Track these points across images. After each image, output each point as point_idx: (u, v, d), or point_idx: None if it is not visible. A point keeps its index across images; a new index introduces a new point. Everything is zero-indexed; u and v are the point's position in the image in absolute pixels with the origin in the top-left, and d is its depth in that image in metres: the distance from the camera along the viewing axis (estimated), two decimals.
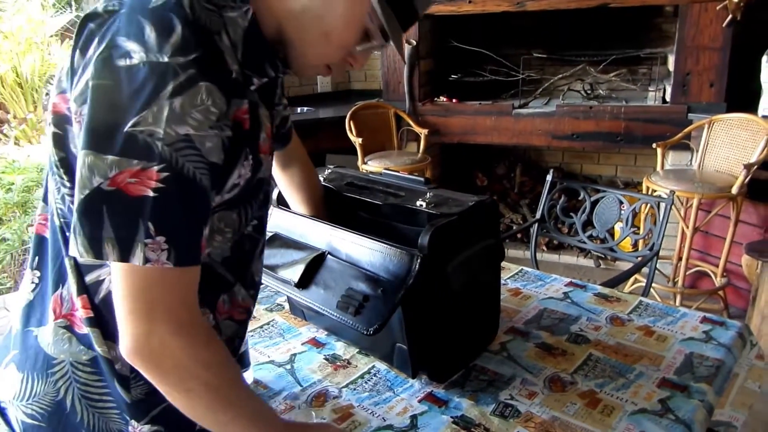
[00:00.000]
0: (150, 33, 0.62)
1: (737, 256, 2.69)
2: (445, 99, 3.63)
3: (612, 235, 2.19)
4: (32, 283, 0.80)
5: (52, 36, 8.83)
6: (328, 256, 1.13)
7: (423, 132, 3.48)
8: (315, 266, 1.12)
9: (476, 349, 1.21)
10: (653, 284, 2.78)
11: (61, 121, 0.71)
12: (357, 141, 3.30)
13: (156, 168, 0.61)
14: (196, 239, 0.66)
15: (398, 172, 1.31)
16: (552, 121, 3.34)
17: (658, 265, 2.95)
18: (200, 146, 0.63)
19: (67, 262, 0.75)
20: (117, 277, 0.64)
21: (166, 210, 0.62)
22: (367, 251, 1.07)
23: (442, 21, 3.62)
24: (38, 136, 8.35)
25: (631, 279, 2.85)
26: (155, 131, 0.61)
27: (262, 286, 1.51)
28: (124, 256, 0.61)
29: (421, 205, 1.12)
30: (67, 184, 0.72)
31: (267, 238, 1.26)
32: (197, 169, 0.64)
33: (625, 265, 3.25)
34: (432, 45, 3.72)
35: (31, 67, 8.32)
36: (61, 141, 0.71)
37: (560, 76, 3.65)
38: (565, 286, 1.54)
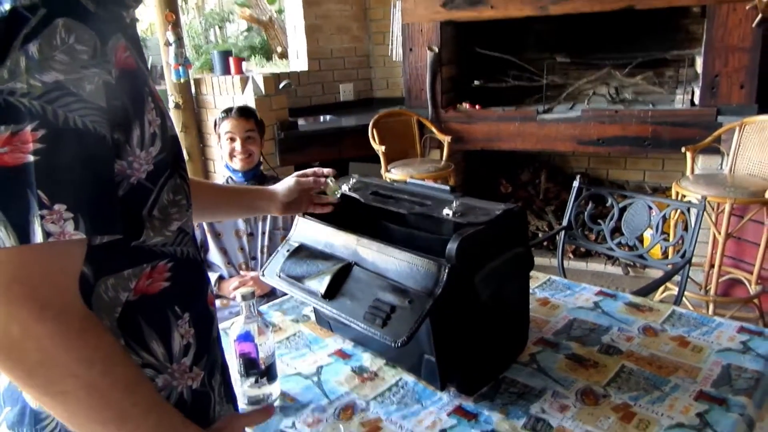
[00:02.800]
0: None
1: None
2: (468, 105, 3.60)
3: (641, 241, 2.14)
4: None
5: None
6: (355, 266, 1.12)
7: (446, 139, 3.47)
8: (341, 277, 1.11)
9: (506, 361, 1.18)
10: (686, 293, 2.71)
11: None
12: (380, 149, 3.29)
13: (29, 128, 0.52)
14: (108, 198, 0.58)
15: (423, 180, 1.30)
16: (577, 126, 3.30)
17: (689, 272, 2.89)
18: (78, 90, 0.55)
19: None
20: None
21: (54, 172, 0.53)
22: (393, 261, 1.06)
23: (464, 27, 3.60)
24: None
25: (662, 288, 2.79)
26: (15, 87, 0.52)
27: (289, 296, 1.50)
28: (24, 238, 0.52)
29: (448, 214, 1.10)
30: None
31: (293, 248, 1.27)
32: (85, 117, 0.55)
33: (655, 273, 3.18)
34: (454, 51, 3.70)
35: None
36: None
37: (585, 80, 3.61)
38: (595, 295, 1.51)
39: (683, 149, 2.87)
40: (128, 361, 0.62)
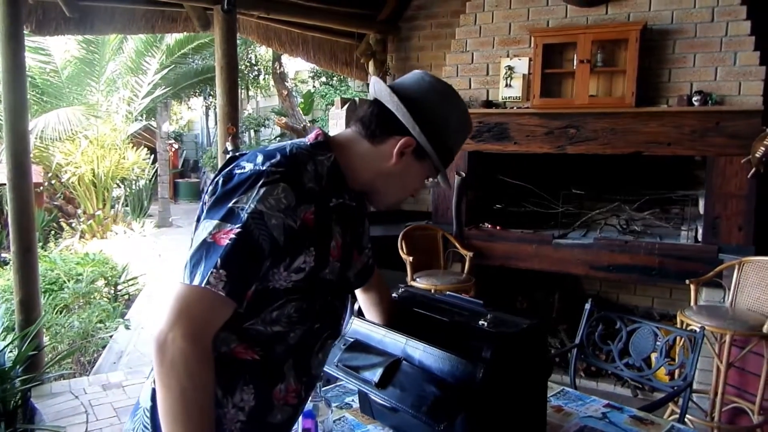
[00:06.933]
0: (260, 158, 0.98)
1: None
2: (489, 225, 3.93)
3: (647, 364, 2.34)
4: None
5: (124, 140, 9.71)
6: (404, 362, 1.36)
7: (468, 254, 3.76)
8: (392, 370, 1.35)
9: None
10: (692, 418, 2.85)
11: None
12: (408, 259, 3.59)
13: (236, 227, 0.91)
14: (245, 283, 0.93)
15: (461, 294, 1.56)
16: (590, 252, 3.59)
17: (696, 400, 3.04)
18: (267, 220, 0.92)
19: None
20: (176, 288, 0.90)
21: (230, 253, 0.90)
22: (437, 360, 1.30)
23: (490, 157, 4.01)
24: (103, 231, 8.91)
25: (668, 410, 2.92)
26: (244, 206, 0.92)
27: (333, 385, 1.73)
28: (203, 280, 0.88)
29: (483, 324, 1.36)
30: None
31: (349, 343, 1.51)
32: (260, 235, 0.92)
33: (662, 396, 3.30)
34: (479, 177, 4.09)
35: (107, 169, 9.12)
36: None
37: (597, 211, 3.94)
38: (604, 407, 1.71)
39: (687, 281, 3.12)
40: (210, 392, 0.91)
